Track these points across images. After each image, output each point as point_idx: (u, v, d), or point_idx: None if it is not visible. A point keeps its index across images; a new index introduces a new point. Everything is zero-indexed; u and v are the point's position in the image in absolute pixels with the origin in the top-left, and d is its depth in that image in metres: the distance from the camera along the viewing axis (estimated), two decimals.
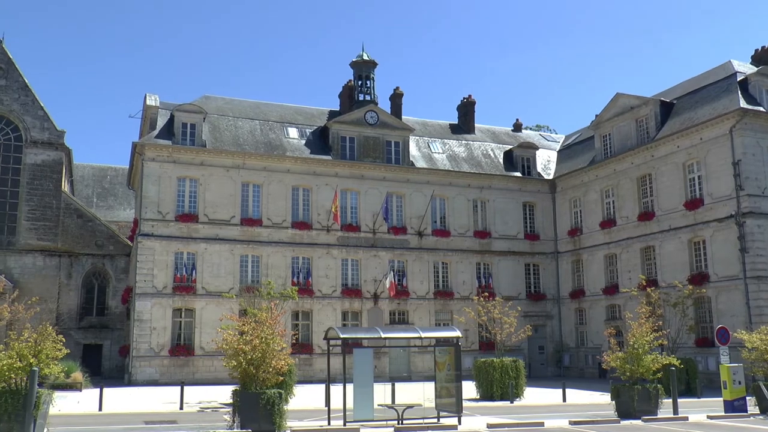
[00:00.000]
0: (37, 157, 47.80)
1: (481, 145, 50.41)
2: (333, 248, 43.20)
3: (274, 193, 42.70)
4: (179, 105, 42.72)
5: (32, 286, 43.98)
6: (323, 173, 43.92)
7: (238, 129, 44.45)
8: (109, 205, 59.88)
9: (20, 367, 16.81)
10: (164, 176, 40.89)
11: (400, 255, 44.54)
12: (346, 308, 42.99)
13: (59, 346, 17.87)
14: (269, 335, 17.85)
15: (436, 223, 46.06)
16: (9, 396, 16.44)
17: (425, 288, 44.65)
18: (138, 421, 20.89)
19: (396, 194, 45.20)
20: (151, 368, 38.73)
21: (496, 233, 47.20)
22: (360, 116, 45.95)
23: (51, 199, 47.64)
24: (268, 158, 42.92)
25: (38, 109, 48.47)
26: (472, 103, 52.56)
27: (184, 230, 40.75)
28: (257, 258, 41.75)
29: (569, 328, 46.77)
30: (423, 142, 48.60)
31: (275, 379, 17.85)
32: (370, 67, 49.30)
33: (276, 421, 17.25)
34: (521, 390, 28.74)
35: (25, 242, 46.82)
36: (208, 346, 37.58)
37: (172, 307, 39.77)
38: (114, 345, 47.22)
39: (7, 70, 48.20)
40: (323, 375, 34.24)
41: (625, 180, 42.96)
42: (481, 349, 42.92)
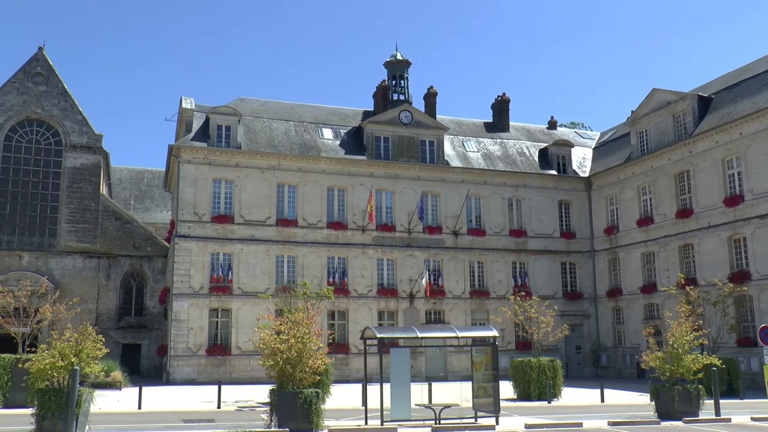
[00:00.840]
0: (76, 161, 48.63)
1: (515, 144, 50.11)
2: (368, 248, 43.24)
3: (309, 194, 42.87)
4: (214, 108, 43.10)
5: (73, 287, 44.72)
6: (358, 173, 43.98)
7: (272, 130, 44.71)
8: (146, 207, 60.65)
9: (62, 366, 17.17)
10: (200, 178, 41.27)
11: (436, 254, 44.43)
12: (382, 308, 43.00)
13: (99, 346, 18.19)
14: (305, 335, 17.94)
15: (472, 222, 45.87)
16: (52, 394, 16.80)
17: (461, 287, 44.49)
18: (176, 419, 21.09)
19: (431, 194, 45.11)
20: (188, 367, 39.13)
21: (532, 232, 46.87)
22: (394, 116, 45.93)
23: (90, 202, 48.44)
24: (303, 159, 43.11)
25: (77, 113, 49.34)
26: (506, 101, 52.27)
27: (220, 231, 41.09)
28: (293, 258, 41.94)
29: (606, 328, 46.25)
30: (457, 141, 48.44)
31: (312, 379, 17.91)
32: (403, 67, 49.27)
33: (313, 420, 17.31)
34: (559, 390, 28.51)
35: (66, 244, 47.66)
36: (245, 346, 37.90)
37: (209, 307, 40.13)
38: (152, 345, 47.82)
39: (48, 76, 49.18)
40: (359, 374, 34.29)
41: (663, 177, 42.37)
42: (517, 349, 42.68)
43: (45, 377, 17.26)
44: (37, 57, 49.52)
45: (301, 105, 48.88)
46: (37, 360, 17.56)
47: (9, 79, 48.51)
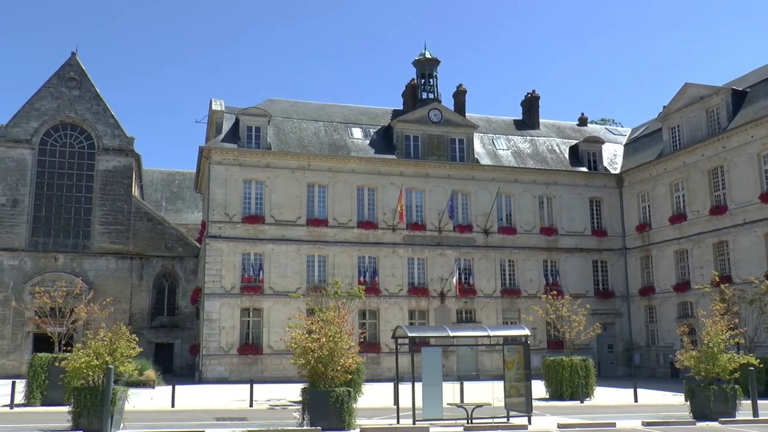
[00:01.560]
0: (108, 164, 49.36)
1: (546, 141, 49.78)
2: (399, 247, 43.23)
3: (339, 194, 42.97)
4: (244, 109, 43.37)
5: (106, 288, 45.33)
6: (388, 172, 43.98)
7: (302, 131, 44.89)
8: (178, 208, 61.24)
9: (97, 365, 17.45)
10: (231, 179, 41.55)
11: (466, 253, 44.28)
12: (413, 307, 42.97)
13: (133, 345, 18.45)
14: (337, 334, 17.98)
15: (502, 221, 45.66)
16: (88, 392, 17.10)
17: (492, 286, 44.30)
18: (209, 417, 21.25)
19: (461, 192, 44.97)
20: (220, 366, 39.43)
21: (563, 230, 46.52)
22: (423, 114, 45.86)
23: (122, 204, 49.11)
24: (333, 159, 43.22)
25: (109, 117, 50.12)
26: (536, 98, 51.95)
27: (251, 231, 41.33)
28: (323, 258, 42.07)
29: (639, 326, 45.74)
30: (487, 139, 48.23)
31: (344, 377, 17.95)
32: (432, 65, 49.17)
33: (345, 419, 17.34)
34: (591, 390, 28.22)
35: (99, 246, 48.37)
36: (276, 345, 38.03)
37: (240, 306, 40.41)
38: (184, 344, 48.29)
39: (80, 81, 50.08)
40: (391, 374, 34.36)
41: (696, 173, 41.81)
42: (549, 348, 42.39)
43: (81, 376, 17.56)
44: (71, 62, 50.46)
45: (331, 105, 49.01)
46: (72, 359, 17.85)
47: (44, 85, 49.57)
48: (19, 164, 47.89)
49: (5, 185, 47.41)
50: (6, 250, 46.67)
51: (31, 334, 45.34)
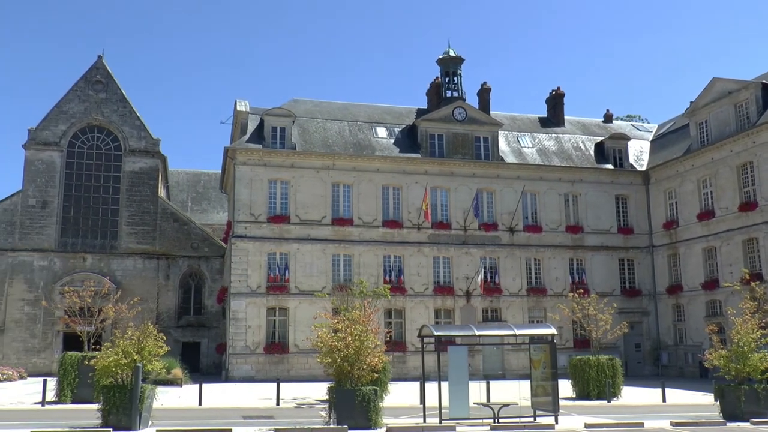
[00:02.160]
0: (135, 165, 49.92)
1: (571, 138, 49.46)
2: (424, 246, 43.18)
3: (364, 193, 43.02)
4: (269, 109, 43.57)
5: (133, 287, 45.81)
6: (413, 171, 43.94)
7: (327, 131, 44.99)
8: (203, 208, 61.70)
9: (125, 363, 17.69)
10: (256, 179, 41.76)
11: (492, 252, 44.13)
12: (439, 306, 42.91)
13: (160, 344, 18.66)
14: (363, 333, 18.03)
15: (528, 219, 45.44)
16: (116, 390, 17.34)
17: (518, 285, 44.11)
18: (236, 415, 21.39)
19: (486, 190, 44.80)
20: (247, 365, 39.65)
21: (589, 228, 46.17)
22: (448, 113, 45.76)
23: (149, 205, 49.66)
24: (358, 158, 43.27)
25: (135, 119, 50.72)
26: (560, 95, 51.62)
27: (277, 231, 41.51)
28: (349, 257, 42.15)
29: (667, 325, 45.29)
30: (512, 137, 48.03)
31: (370, 376, 17.99)
32: (456, 64, 48.98)
33: (372, 418, 17.37)
34: (618, 389, 27.97)
35: (126, 246, 48.93)
36: (303, 344, 38.23)
37: (266, 306, 40.60)
38: (211, 343, 48.64)
39: (107, 83, 50.76)
40: (417, 373, 34.33)
41: (724, 169, 41.32)
42: (575, 347, 42.11)
43: (109, 374, 17.80)
44: (97, 66, 51.20)
45: (355, 105, 49.06)
46: (101, 357, 18.09)
47: (71, 88, 50.35)
48: (48, 166, 48.60)
49: (35, 187, 48.15)
50: (36, 251, 47.43)
51: (61, 333, 45.99)
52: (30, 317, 46.63)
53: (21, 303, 46.72)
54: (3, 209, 47.91)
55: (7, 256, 47.12)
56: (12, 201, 48.11)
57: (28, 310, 46.62)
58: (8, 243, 47.38)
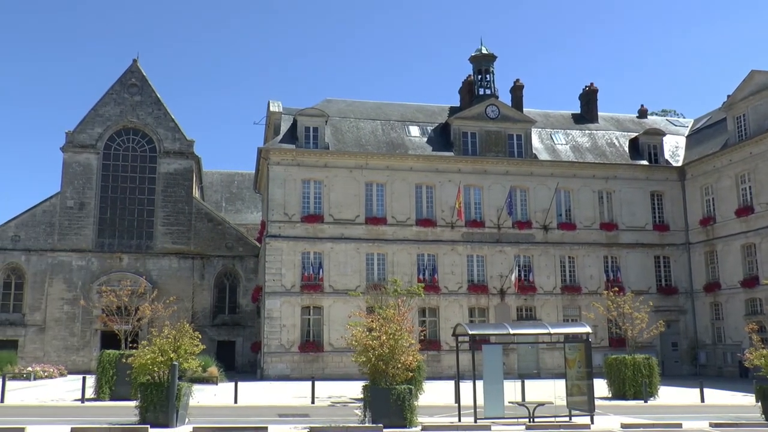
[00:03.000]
0: (169, 166, 50.59)
1: (605, 134, 48.98)
2: (458, 244, 43.07)
3: (397, 192, 43.04)
4: (302, 110, 43.78)
5: (169, 287, 46.44)
6: (446, 170, 43.86)
7: (359, 130, 45.10)
8: (237, 208, 62.24)
9: (162, 361, 17.93)
10: (289, 179, 42.00)
11: (526, 250, 43.89)
12: (473, 304, 42.78)
13: (196, 342, 18.86)
14: (397, 331, 18.03)
15: (561, 216, 45.09)
16: (153, 388, 17.60)
17: (552, 283, 43.81)
18: (272, 413, 21.52)
19: (519, 188, 44.56)
20: (282, 364, 39.90)
21: (623, 225, 45.67)
22: (481, 111, 45.59)
23: (183, 205, 50.27)
24: (391, 157, 43.31)
25: (169, 121, 51.41)
26: (594, 91, 51.13)
27: (310, 230, 41.71)
28: (383, 256, 42.20)
29: (704, 324, 44.62)
30: (545, 134, 47.71)
31: (405, 375, 17.99)
32: (489, 61, 48.73)
33: (407, 416, 17.37)
34: (655, 389, 27.58)
35: (162, 246, 49.59)
36: (337, 343, 38.32)
37: (301, 305, 40.82)
38: (246, 341, 49.02)
39: (142, 86, 51.57)
40: (451, 372, 34.31)
41: (764, 163, 40.59)
42: (611, 346, 41.72)
43: (146, 372, 18.04)
44: (132, 69, 52.02)
45: (388, 104, 49.07)
46: (138, 355, 18.34)
47: (107, 92, 51.29)
48: (85, 168, 49.44)
49: (72, 189, 49.02)
50: (74, 251, 48.32)
51: (99, 331, 46.75)
52: (69, 316, 47.50)
53: (60, 302, 47.63)
54: (42, 211, 48.87)
55: (47, 257, 48.08)
56: (51, 203, 49.06)
57: (67, 309, 47.51)
58: (48, 243, 48.31)
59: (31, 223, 48.65)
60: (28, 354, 45.85)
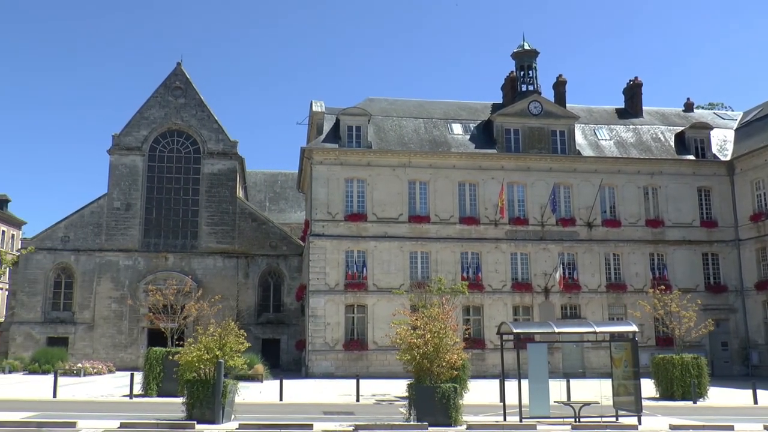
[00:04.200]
0: (213, 167, 51.27)
1: (650, 129, 48.22)
2: (501, 242, 42.82)
3: (440, 190, 42.95)
4: (344, 109, 43.94)
5: (213, 286, 47.03)
6: (489, 167, 43.64)
7: (402, 128, 45.11)
8: (281, 208, 62.81)
9: (208, 358, 18.18)
10: (332, 178, 42.20)
11: (570, 247, 43.44)
12: (517, 303, 42.50)
13: (241, 340, 19.10)
14: (441, 330, 18.02)
15: (606, 213, 44.51)
16: (200, 385, 17.85)
17: (597, 281, 43.28)
18: (317, 411, 21.64)
19: (563, 185, 44.11)
20: (326, 362, 40.11)
21: (670, 221, 44.87)
22: (523, 107, 45.26)
23: (227, 205, 50.88)
24: (434, 155, 43.24)
25: (213, 122, 52.13)
26: (638, 85, 50.36)
27: (354, 229, 41.85)
28: (426, 254, 42.15)
29: (756, 323, 43.56)
30: (589, 130, 47.16)
31: (449, 374, 17.97)
32: (531, 57, 48.31)
33: (452, 415, 17.35)
34: (704, 389, 27.03)
35: (206, 245, 50.25)
36: (381, 341, 38.45)
37: (345, 303, 40.99)
38: (290, 339, 49.38)
39: (186, 89, 52.38)
40: (495, 370, 34.06)
41: None
42: (658, 345, 41.07)
43: (193, 369, 18.30)
44: (176, 72, 52.90)
45: (430, 102, 48.97)
46: (185, 353, 18.61)
47: (152, 95, 52.28)
48: (131, 170, 50.35)
49: (119, 190, 49.98)
50: (121, 251, 49.25)
51: (146, 329, 47.56)
52: (117, 314, 48.42)
53: (108, 301, 48.59)
54: (90, 212, 49.90)
55: (95, 257, 49.07)
56: (98, 204, 50.07)
57: (114, 308, 48.44)
58: (96, 244, 49.30)
59: (79, 224, 49.71)
60: (78, 351, 46.88)
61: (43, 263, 48.79)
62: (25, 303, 48.30)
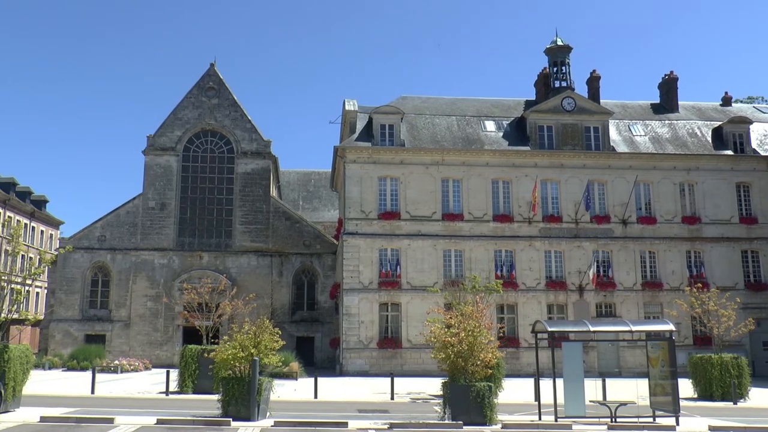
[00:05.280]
0: (247, 167, 51.64)
1: (686, 124, 47.52)
2: (535, 240, 42.54)
3: (473, 188, 42.80)
4: (377, 108, 43.98)
5: (248, 284, 47.36)
6: (522, 164, 43.38)
7: (435, 126, 45.03)
8: (314, 207, 63.09)
9: (243, 356, 18.33)
10: (366, 177, 42.27)
11: (605, 245, 42.99)
12: (551, 301, 42.18)
13: (276, 338, 19.21)
14: (476, 328, 17.94)
15: (641, 210, 43.97)
16: (235, 382, 18.03)
17: (632, 279, 42.77)
18: (351, 409, 21.72)
19: (597, 182, 43.68)
20: (360, 360, 40.18)
21: (707, 218, 44.14)
22: (557, 104, 44.91)
23: (261, 204, 51.20)
24: (467, 153, 43.09)
25: (246, 122, 52.51)
26: (674, 79, 49.68)
27: (387, 227, 41.86)
28: (460, 252, 42.02)
29: None
30: (623, 126, 46.64)
31: (484, 372, 17.90)
32: (564, 53, 47.88)
33: (486, 414, 17.28)
34: (745, 390, 26.46)
35: (240, 244, 50.62)
36: (415, 339, 38.48)
37: (379, 301, 41.03)
38: (324, 337, 49.55)
39: (219, 90, 52.85)
40: (530, 369, 33.93)
41: None
42: (695, 344, 40.43)
43: (228, 366, 18.47)
44: (210, 73, 53.38)
45: (463, 99, 48.83)
46: (220, 351, 18.79)
47: (185, 96, 52.77)
48: (165, 170, 50.91)
49: (154, 190, 50.56)
50: (156, 250, 49.82)
51: (181, 327, 48.07)
52: (152, 312, 49.00)
53: (144, 299, 49.19)
54: (126, 212, 50.54)
55: (130, 256, 49.69)
56: (134, 204, 50.69)
57: (150, 306, 49.02)
58: (131, 243, 49.93)
59: (115, 223, 50.38)
60: (115, 348, 47.55)
61: (80, 262, 49.54)
62: (64, 301, 49.12)
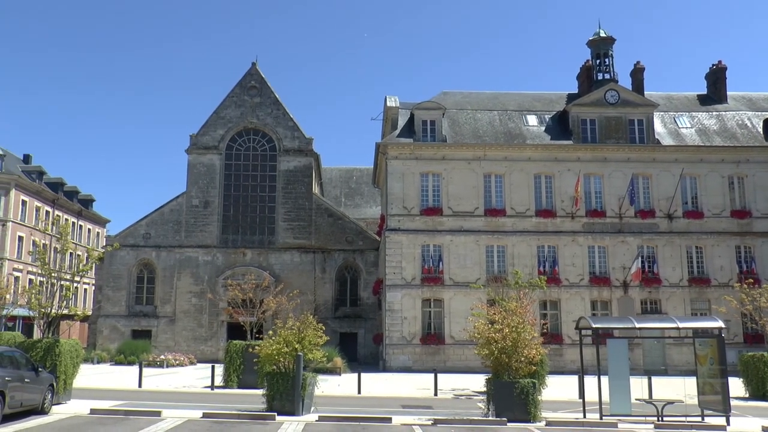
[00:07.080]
0: (289, 164, 52.05)
1: (735, 115, 46.48)
2: (578, 235, 42.07)
3: (515, 183, 42.48)
4: (418, 104, 43.90)
5: (291, 280, 47.68)
6: (565, 159, 42.92)
7: (476, 121, 44.79)
8: (356, 203, 63.28)
9: (287, 352, 18.46)
10: (407, 173, 42.23)
11: (649, 240, 42.32)
12: (595, 297, 41.66)
13: (320, 334, 19.32)
14: (519, 324, 17.83)
15: (687, 204, 43.15)
16: (279, 377, 18.21)
17: (678, 275, 42.01)
18: (395, 404, 21.74)
19: (642, 175, 42.99)
20: (403, 356, 40.21)
21: (758, 212, 43.09)
22: (599, 96, 44.32)
23: (303, 201, 51.55)
24: (509, 148, 42.78)
25: (288, 120, 52.89)
26: (722, 69, 48.61)
27: (429, 223, 41.79)
28: (502, 248, 41.76)
29: None
30: (668, 118, 45.82)
31: (528, 369, 17.78)
32: (607, 44, 47.23)
33: (531, 411, 17.17)
34: None
35: (283, 241, 51.03)
36: (458, 335, 38.35)
37: (421, 297, 41.00)
38: (367, 333, 49.70)
39: (261, 88, 53.35)
40: (574, 366, 33.51)
41: None
42: (746, 342, 39.61)
43: (272, 362, 18.61)
44: (251, 72, 53.91)
45: (504, 93, 48.48)
46: (264, 346, 18.92)
47: (228, 95, 53.40)
48: (208, 169, 51.54)
49: (197, 189, 51.23)
50: (200, 247, 50.48)
51: (225, 323, 48.68)
52: (197, 308, 49.67)
53: (189, 295, 49.89)
54: (170, 210, 51.29)
55: (175, 253, 50.43)
56: (177, 202, 51.43)
57: (195, 302, 49.70)
58: (176, 240, 50.66)
59: (160, 221, 51.16)
60: (161, 343, 48.29)
61: (126, 259, 50.40)
62: (111, 297, 50.04)
